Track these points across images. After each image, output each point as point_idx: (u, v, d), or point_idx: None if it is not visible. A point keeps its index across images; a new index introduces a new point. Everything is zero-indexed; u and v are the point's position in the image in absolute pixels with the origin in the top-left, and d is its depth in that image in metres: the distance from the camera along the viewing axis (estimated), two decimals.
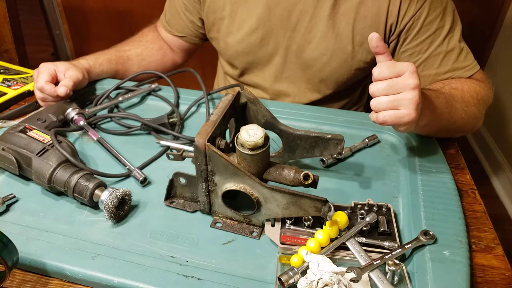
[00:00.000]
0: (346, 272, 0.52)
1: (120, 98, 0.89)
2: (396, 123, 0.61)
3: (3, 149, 0.68)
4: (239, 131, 0.56)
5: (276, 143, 0.75)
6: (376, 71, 0.61)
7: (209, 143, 0.56)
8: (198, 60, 1.38)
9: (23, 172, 0.68)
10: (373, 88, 0.61)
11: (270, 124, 0.67)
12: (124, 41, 1.05)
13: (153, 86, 0.94)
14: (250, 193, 0.57)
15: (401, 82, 0.59)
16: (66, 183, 0.64)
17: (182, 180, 0.64)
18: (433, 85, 0.82)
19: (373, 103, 0.61)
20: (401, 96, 0.60)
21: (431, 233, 0.58)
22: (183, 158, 0.62)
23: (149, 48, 1.04)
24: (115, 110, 0.89)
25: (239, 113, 0.67)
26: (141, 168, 0.72)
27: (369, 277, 0.53)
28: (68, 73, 0.84)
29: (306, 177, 0.57)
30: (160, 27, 1.08)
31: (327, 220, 0.56)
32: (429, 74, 0.85)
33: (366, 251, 0.56)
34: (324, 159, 0.74)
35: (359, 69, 0.91)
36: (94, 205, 0.64)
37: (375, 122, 0.62)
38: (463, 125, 0.78)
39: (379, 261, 0.54)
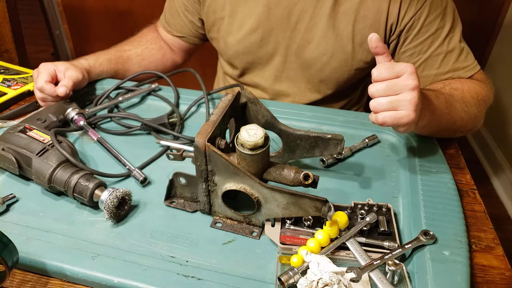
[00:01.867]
0: (346, 272, 0.52)
1: (120, 98, 0.89)
2: (395, 124, 0.61)
3: (3, 149, 0.68)
4: (239, 131, 0.56)
5: (276, 143, 0.75)
6: (375, 72, 0.61)
7: (209, 143, 0.56)
8: (198, 60, 1.38)
9: (23, 172, 0.68)
10: (372, 89, 0.61)
11: (270, 124, 0.67)
12: (124, 41, 1.05)
13: (153, 86, 0.94)
14: (250, 193, 0.57)
15: (400, 83, 0.59)
16: (66, 183, 0.64)
17: (182, 180, 0.64)
18: (433, 85, 0.82)
19: (372, 104, 0.61)
20: (400, 97, 0.60)
21: (431, 233, 0.58)
22: (183, 158, 0.62)
23: (149, 48, 1.05)
24: (115, 110, 0.89)
25: (239, 113, 0.67)
26: (141, 168, 0.72)
27: (369, 277, 0.53)
28: (68, 73, 0.84)
29: (306, 177, 0.57)
30: (160, 27, 1.08)
31: (327, 220, 0.56)
32: (429, 75, 0.85)
33: (366, 251, 0.56)
34: (324, 159, 0.74)
35: (359, 69, 0.91)
36: (94, 205, 0.64)
37: (374, 123, 0.62)
38: (463, 125, 0.78)
39: (379, 261, 0.54)
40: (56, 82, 0.84)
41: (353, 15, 0.85)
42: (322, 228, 0.57)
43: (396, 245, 0.57)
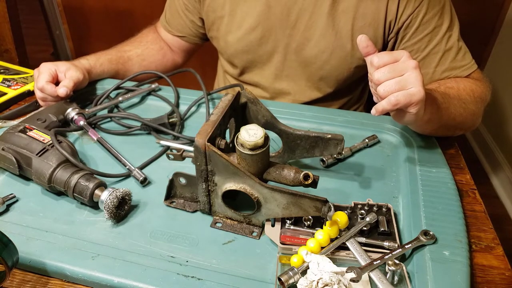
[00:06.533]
0: (346, 272, 0.52)
1: (120, 98, 0.89)
2: (408, 102, 0.61)
3: (3, 149, 0.68)
4: (239, 131, 0.56)
5: (276, 143, 0.75)
6: (375, 59, 0.62)
7: (209, 143, 0.56)
8: (198, 60, 1.38)
9: (23, 172, 0.68)
10: (377, 74, 0.61)
11: (270, 124, 0.67)
12: (125, 41, 1.05)
13: (153, 86, 0.94)
14: (250, 193, 0.57)
15: (402, 64, 0.61)
16: (66, 183, 0.64)
17: (182, 180, 0.64)
18: (428, 86, 0.82)
19: (381, 88, 0.61)
20: (406, 76, 0.61)
21: (431, 233, 0.58)
22: (183, 158, 0.62)
23: (149, 48, 1.05)
24: (115, 110, 0.89)
25: (239, 113, 0.67)
26: (141, 168, 0.72)
27: (369, 277, 0.53)
28: (69, 73, 0.84)
29: (306, 177, 0.57)
30: (160, 28, 1.08)
31: (327, 220, 0.56)
32: (427, 73, 0.85)
33: (366, 251, 0.56)
34: (324, 159, 0.74)
35: (358, 67, 0.91)
36: (94, 205, 0.64)
37: (385, 109, 0.61)
38: (463, 121, 0.78)
39: (379, 261, 0.54)
40: (56, 82, 0.85)
41: (352, 13, 0.85)
42: (322, 228, 0.57)
43: (396, 245, 0.57)
